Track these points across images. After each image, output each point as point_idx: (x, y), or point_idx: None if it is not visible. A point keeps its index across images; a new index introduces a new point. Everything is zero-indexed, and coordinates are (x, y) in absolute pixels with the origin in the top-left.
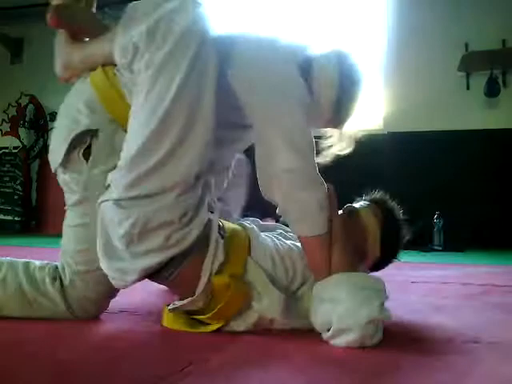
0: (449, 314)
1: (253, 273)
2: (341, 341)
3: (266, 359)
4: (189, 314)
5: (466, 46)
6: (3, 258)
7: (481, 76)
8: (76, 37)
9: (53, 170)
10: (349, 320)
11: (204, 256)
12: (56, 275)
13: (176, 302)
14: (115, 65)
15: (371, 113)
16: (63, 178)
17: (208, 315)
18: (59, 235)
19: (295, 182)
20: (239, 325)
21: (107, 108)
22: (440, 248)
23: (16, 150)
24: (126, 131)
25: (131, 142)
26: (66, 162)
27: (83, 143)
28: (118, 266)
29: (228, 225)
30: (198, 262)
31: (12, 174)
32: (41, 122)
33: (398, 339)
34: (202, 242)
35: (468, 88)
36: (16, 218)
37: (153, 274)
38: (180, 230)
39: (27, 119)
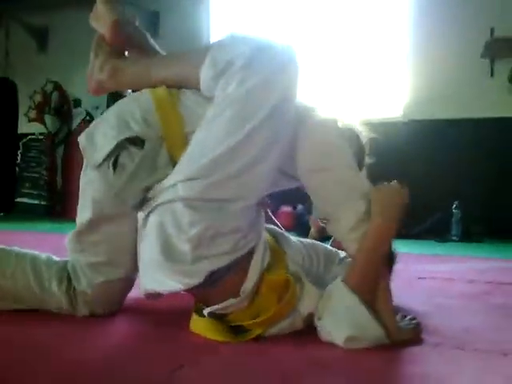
0: (445, 315)
1: (293, 270)
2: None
3: (258, 361)
4: (224, 323)
5: (492, 31)
6: (12, 250)
7: (505, 63)
8: (122, 52)
9: (90, 162)
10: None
11: (251, 257)
12: (63, 276)
13: (216, 306)
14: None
15: (391, 100)
16: (90, 178)
17: (255, 321)
18: None
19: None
20: (275, 327)
21: (162, 125)
22: (457, 238)
23: (42, 136)
24: (168, 153)
25: (209, 148)
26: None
27: (122, 149)
28: (180, 269)
29: None
30: (245, 263)
31: (38, 160)
32: (65, 108)
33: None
34: None
35: (492, 75)
36: (42, 203)
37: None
38: (246, 236)
39: (52, 106)
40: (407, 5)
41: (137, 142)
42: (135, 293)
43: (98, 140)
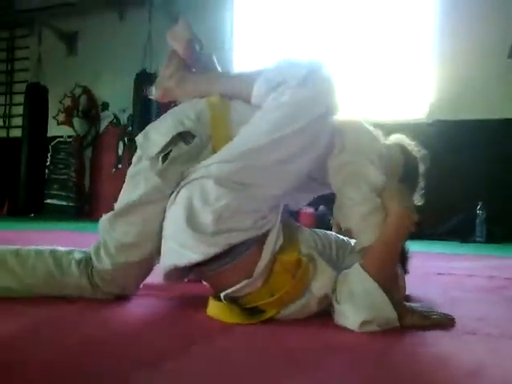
0: (461, 306)
1: (306, 252)
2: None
3: (269, 341)
4: (239, 306)
5: None
6: (30, 248)
7: None
8: (190, 67)
9: (145, 154)
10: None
11: (265, 238)
12: (82, 258)
13: (232, 288)
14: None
15: (416, 101)
16: (141, 167)
17: (268, 300)
18: None
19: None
20: (289, 308)
21: (212, 125)
22: (482, 239)
23: (70, 139)
24: (213, 150)
25: (251, 139)
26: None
27: (174, 145)
28: (200, 238)
29: None
30: (260, 244)
31: (66, 162)
32: (93, 112)
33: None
34: None
35: None
36: (70, 204)
37: (212, 261)
38: (265, 217)
39: (81, 109)
40: (433, 4)
41: (187, 137)
42: (153, 280)
43: (153, 136)
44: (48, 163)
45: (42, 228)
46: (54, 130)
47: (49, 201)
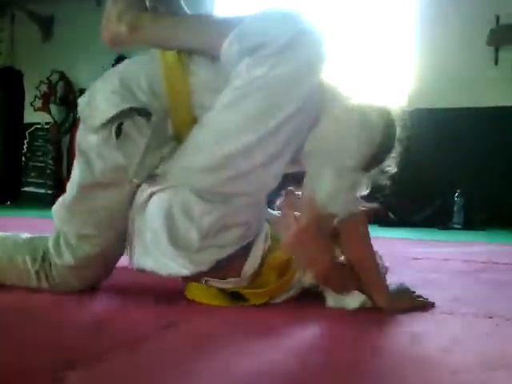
0: (437, 287)
1: None
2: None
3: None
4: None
5: (497, 19)
6: None
7: (510, 51)
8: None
9: (88, 124)
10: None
11: (253, 243)
12: (37, 255)
13: (216, 281)
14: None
15: (395, 89)
16: (90, 141)
17: (254, 291)
18: None
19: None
20: (275, 299)
21: (169, 96)
22: (459, 226)
23: (48, 126)
24: (174, 127)
25: (229, 136)
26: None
27: (126, 117)
28: (185, 255)
29: None
30: (248, 250)
31: (44, 149)
32: (70, 98)
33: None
34: None
35: (496, 63)
36: (48, 191)
37: None
38: (251, 228)
39: (58, 96)
40: None
41: (142, 113)
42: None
43: (99, 103)
44: (25, 150)
45: (18, 215)
46: (31, 116)
47: (26, 188)
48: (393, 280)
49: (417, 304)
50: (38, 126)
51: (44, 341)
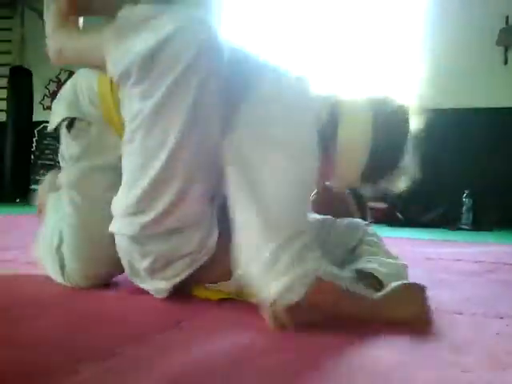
0: (447, 287)
1: None
2: None
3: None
4: None
5: (507, 19)
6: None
7: None
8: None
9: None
10: None
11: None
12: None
13: (210, 285)
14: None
15: (403, 89)
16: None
17: (240, 298)
18: None
19: None
20: None
21: (103, 108)
22: (468, 227)
23: None
24: (117, 133)
25: (134, 186)
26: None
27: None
28: (149, 285)
29: None
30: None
31: (52, 147)
32: None
33: None
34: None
35: (506, 63)
36: None
37: None
38: (200, 252)
39: None
40: None
41: (84, 122)
42: None
43: (55, 107)
44: (33, 148)
45: (27, 213)
46: (40, 114)
47: (34, 186)
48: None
49: (419, 313)
50: (47, 125)
51: (58, 334)
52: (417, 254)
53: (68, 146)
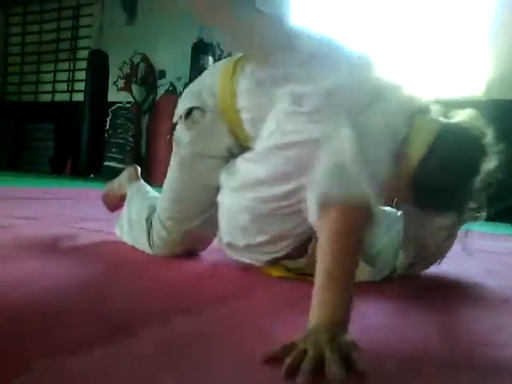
0: (496, 278)
1: None
2: None
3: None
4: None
5: None
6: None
7: None
8: None
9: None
10: None
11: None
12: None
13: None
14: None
15: (471, 77)
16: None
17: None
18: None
19: None
20: None
21: (220, 97)
22: None
23: (129, 105)
24: (228, 124)
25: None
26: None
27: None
28: (247, 257)
29: None
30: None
31: (125, 127)
32: (150, 79)
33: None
34: None
35: None
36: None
37: None
38: (305, 232)
39: (139, 76)
40: None
41: (201, 111)
42: None
43: (181, 102)
44: (107, 127)
45: (100, 188)
46: (114, 95)
47: (107, 163)
48: (453, 269)
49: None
50: (120, 105)
51: (151, 292)
52: (472, 246)
53: (182, 133)
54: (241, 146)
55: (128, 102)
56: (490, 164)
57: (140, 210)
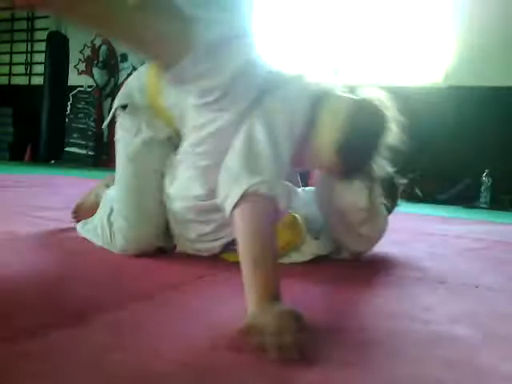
0: (439, 261)
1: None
2: None
3: None
4: None
5: None
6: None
7: None
8: None
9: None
10: None
11: None
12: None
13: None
14: None
15: (430, 64)
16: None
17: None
18: None
19: None
20: (298, 258)
21: (149, 94)
22: (486, 206)
23: (90, 89)
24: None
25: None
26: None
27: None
28: (200, 247)
29: None
30: None
31: (86, 111)
32: (112, 62)
33: (375, 272)
34: None
35: None
36: (89, 153)
37: None
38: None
39: (100, 59)
40: None
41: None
42: None
43: (115, 103)
44: (68, 112)
45: (61, 174)
46: (74, 79)
47: (68, 149)
48: (402, 252)
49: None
50: (81, 89)
51: (105, 280)
52: (421, 229)
53: (123, 122)
54: (179, 136)
55: (89, 86)
56: (391, 130)
57: (104, 209)
